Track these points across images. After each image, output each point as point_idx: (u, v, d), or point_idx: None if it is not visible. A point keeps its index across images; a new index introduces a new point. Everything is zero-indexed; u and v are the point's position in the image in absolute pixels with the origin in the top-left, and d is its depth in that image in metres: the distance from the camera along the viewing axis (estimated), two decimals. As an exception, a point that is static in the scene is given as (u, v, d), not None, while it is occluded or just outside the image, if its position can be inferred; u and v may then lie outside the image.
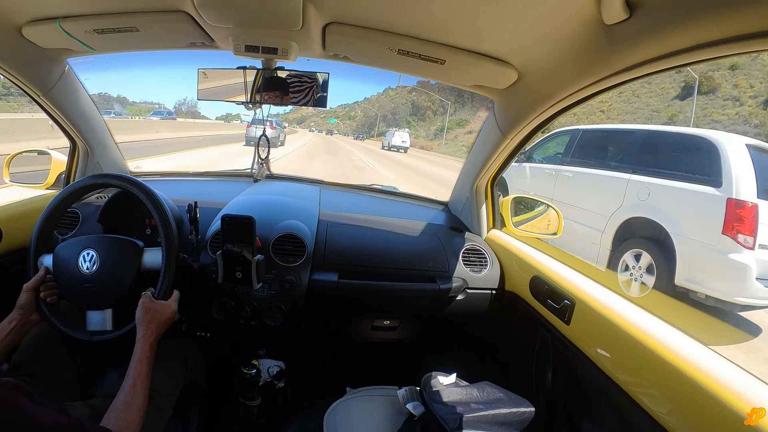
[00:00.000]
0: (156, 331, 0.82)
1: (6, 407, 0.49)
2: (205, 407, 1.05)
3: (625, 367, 0.77)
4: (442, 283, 1.19)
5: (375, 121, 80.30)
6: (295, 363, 1.26)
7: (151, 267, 0.94)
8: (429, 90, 56.22)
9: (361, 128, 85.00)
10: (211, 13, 0.82)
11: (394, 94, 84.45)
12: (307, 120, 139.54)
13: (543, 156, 5.22)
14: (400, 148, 26.39)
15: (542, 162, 5.13)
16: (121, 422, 0.66)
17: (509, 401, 0.87)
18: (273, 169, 1.57)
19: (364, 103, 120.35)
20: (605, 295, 0.91)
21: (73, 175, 1.37)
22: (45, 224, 0.93)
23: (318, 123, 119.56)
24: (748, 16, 0.47)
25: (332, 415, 0.89)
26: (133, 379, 0.72)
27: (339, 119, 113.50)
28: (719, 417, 0.57)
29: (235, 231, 1.01)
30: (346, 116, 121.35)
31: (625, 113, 24.59)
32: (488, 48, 0.87)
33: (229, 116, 72.93)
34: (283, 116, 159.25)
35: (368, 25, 0.85)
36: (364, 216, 1.40)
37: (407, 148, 26.83)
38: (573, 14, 0.66)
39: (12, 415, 0.50)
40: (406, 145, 26.74)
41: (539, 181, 4.93)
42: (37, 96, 1.11)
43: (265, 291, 1.12)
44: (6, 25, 0.90)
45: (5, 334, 0.81)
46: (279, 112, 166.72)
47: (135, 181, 0.95)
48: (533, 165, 5.20)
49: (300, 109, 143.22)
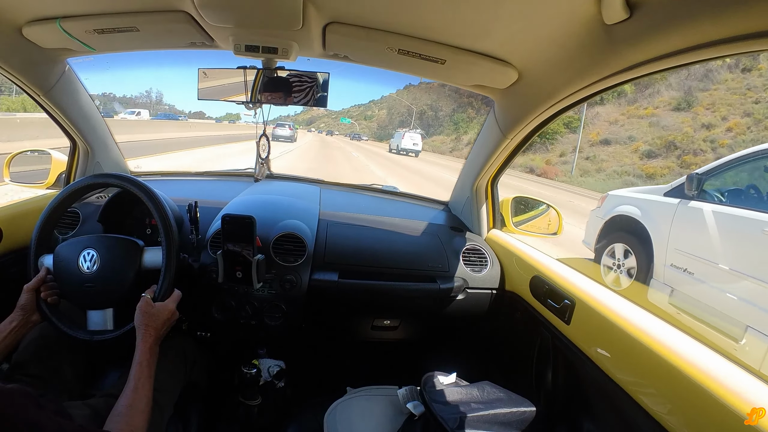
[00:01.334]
0: (155, 333, 0.82)
1: (11, 414, 0.49)
2: (205, 407, 1.05)
3: (625, 367, 0.77)
4: (442, 283, 1.20)
5: (409, 119, 64.11)
6: (295, 363, 1.26)
7: (151, 266, 0.94)
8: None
9: (384, 129, 75.02)
10: (211, 13, 0.82)
11: (418, 90, 70.42)
12: (316, 121, 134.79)
13: (734, 192, 2.73)
14: (410, 152, 23.94)
15: (733, 203, 2.64)
16: (125, 426, 0.65)
17: (509, 401, 0.88)
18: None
19: (383, 102, 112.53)
20: (605, 295, 0.91)
21: (73, 174, 1.37)
22: (45, 224, 0.94)
23: (329, 124, 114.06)
24: (748, 16, 0.47)
25: (332, 414, 0.89)
26: (135, 383, 0.72)
27: (353, 119, 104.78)
28: (719, 417, 0.57)
29: (235, 231, 1.01)
30: (361, 116, 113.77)
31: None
32: (488, 48, 0.87)
33: (230, 115, 72.72)
34: (293, 117, 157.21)
35: (368, 25, 0.85)
36: (365, 216, 1.40)
37: (419, 152, 24.36)
38: (573, 14, 0.66)
39: (17, 422, 0.49)
40: (418, 149, 24.28)
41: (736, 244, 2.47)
42: (38, 96, 1.11)
43: (265, 291, 1.12)
44: (6, 25, 0.90)
45: (6, 334, 0.81)
46: (289, 113, 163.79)
47: (135, 180, 0.95)
48: (716, 208, 2.65)
49: (310, 110, 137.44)
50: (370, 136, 70.73)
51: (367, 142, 48.41)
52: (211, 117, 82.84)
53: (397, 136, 26.51)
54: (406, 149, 23.82)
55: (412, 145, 24.02)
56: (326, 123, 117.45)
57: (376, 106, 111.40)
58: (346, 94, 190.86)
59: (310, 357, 1.49)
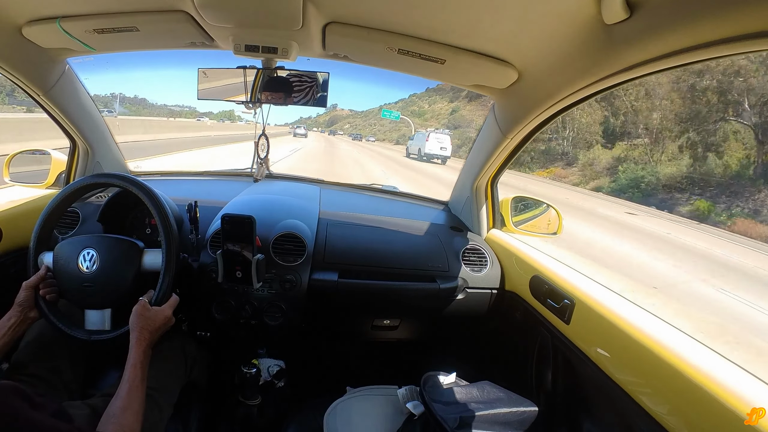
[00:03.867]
0: (149, 336, 0.82)
1: (4, 412, 0.49)
2: (205, 407, 1.05)
3: (625, 367, 0.77)
4: (442, 283, 1.20)
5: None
6: (295, 362, 1.26)
7: (150, 267, 0.94)
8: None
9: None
10: (211, 13, 0.82)
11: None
12: (340, 122, 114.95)
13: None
14: (436, 157, 18.74)
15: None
16: (119, 427, 0.65)
17: (509, 401, 0.88)
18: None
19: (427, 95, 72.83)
20: (605, 295, 0.91)
21: (73, 174, 1.37)
22: (45, 224, 0.94)
23: (357, 126, 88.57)
24: (748, 16, 0.47)
25: (332, 414, 0.89)
26: (129, 384, 0.72)
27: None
28: (719, 417, 0.57)
29: (235, 230, 1.01)
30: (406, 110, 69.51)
31: None
32: (488, 48, 0.87)
33: (231, 115, 71.87)
34: (314, 119, 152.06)
35: (368, 25, 0.85)
36: (365, 215, 1.40)
37: (447, 158, 18.88)
38: (573, 14, 0.66)
39: (10, 420, 0.49)
40: (447, 154, 18.75)
41: None
42: (38, 95, 1.11)
43: (265, 290, 1.12)
44: (6, 25, 0.90)
45: (4, 332, 0.81)
46: (311, 115, 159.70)
47: (135, 180, 0.95)
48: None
49: (331, 111, 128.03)
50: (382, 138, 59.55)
51: (374, 144, 45.75)
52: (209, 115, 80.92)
53: (418, 137, 20.73)
54: (432, 155, 18.62)
55: (439, 150, 18.64)
56: (351, 124, 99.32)
57: (422, 101, 73.84)
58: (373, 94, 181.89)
59: (310, 357, 1.49)
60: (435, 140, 18.93)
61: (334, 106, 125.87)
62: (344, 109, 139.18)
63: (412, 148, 21.21)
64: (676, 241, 7.85)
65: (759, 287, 5.44)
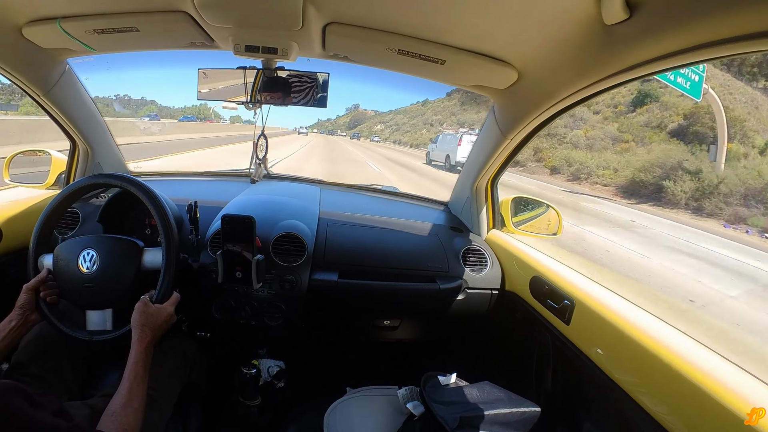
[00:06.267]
0: (151, 334, 0.82)
1: (5, 411, 0.49)
2: (205, 407, 1.05)
3: (625, 367, 0.77)
4: (442, 283, 1.19)
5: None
6: (295, 363, 1.26)
7: (151, 267, 0.94)
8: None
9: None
10: (211, 13, 0.82)
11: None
12: (365, 122, 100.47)
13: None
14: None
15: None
16: (119, 426, 0.65)
17: (509, 401, 0.87)
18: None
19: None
20: (605, 296, 0.91)
21: (73, 175, 1.37)
22: (45, 224, 0.94)
23: (400, 126, 64.62)
24: (748, 16, 0.47)
25: (332, 414, 0.89)
26: (129, 382, 0.72)
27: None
28: (719, 417, 0.57)
29: (235, 231, 1.01)
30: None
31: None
32: (488, 48, 0.87)
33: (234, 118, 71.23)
34: (333, 121, 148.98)
35: (368, 25, 0.85)
36: (365, 216, 1.40)
37: None
38: (573, 14, 0.66)
39: (11, 418, 0.49)
40: None
41: None
42: (38, 96, 1.11)
43: (265, 291, 1.12)
44: (6, 25, 0.90)
45: (5, 334, 0.81)
46: (330, 117, 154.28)
47: (135, 180, 0.95)
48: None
49: (352, 112, 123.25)
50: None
51: (379, 144, 44.07)
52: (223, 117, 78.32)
53: (444, 139, 16.09)
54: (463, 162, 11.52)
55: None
56: (387, 124, 79.00)
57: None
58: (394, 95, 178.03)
59: (310, 357, 1.49)
60: (468, 143, 12.79)
61: (355, 107, 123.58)
62: (366, 109, 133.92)
63: (435, 154, 16.24)
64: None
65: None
